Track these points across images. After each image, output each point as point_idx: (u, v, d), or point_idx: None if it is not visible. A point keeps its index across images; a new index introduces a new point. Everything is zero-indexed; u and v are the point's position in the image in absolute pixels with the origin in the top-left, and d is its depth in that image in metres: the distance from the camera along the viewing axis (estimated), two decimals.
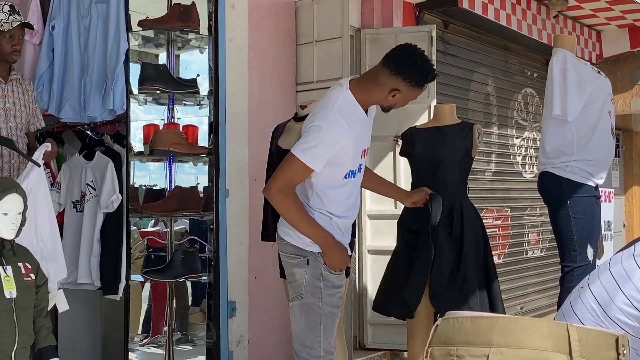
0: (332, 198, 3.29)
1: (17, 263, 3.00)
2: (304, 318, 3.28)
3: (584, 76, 4.51)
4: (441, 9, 6.61)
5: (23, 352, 2.99)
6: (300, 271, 3.26)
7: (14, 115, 3.90)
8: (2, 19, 3.78)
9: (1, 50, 3.84)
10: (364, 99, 3.26)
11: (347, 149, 3.21)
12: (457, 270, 4.16)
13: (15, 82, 3.97)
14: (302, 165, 3.11)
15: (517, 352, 1.67)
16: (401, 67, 3.18)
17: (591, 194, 4.49)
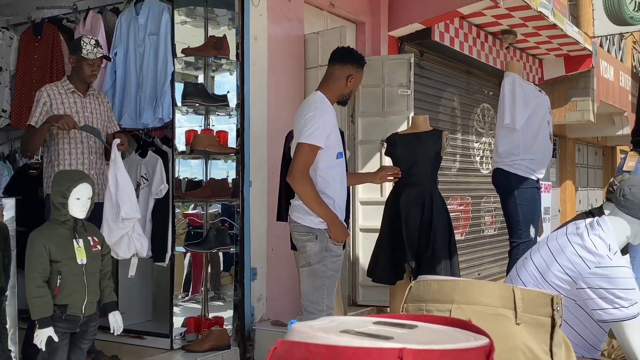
0: (331, 179, 3.30)
1: (87, 237, 3.00)
2: (312, 280, 3.29)
3: (528, 94, 4.51)
4: (418, 41, 6.62)
5: (91, 306, 2.99)
6: (310, 244, 3.26)
7: (91, 122, 3.90)
8: (89, 50, 3.80)
9: (83, 72, 3.85)
10: (331, 95, 3.35)
11: (334, 131, 3.29)
12: (427, 245, 4.17)
13: (92, 96, 3.97)
14: (309, 147, 3.17)
15: (473, 308, 1.68)
16: (346, 57, 3.37)
17: (533, 185, 4.49)
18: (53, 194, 2.95)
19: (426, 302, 1.73)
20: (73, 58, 3.86)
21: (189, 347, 4.30)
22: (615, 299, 2.33)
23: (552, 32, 7.73)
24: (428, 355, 0.89)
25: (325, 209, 3.23)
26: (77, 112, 3.83)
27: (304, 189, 3.22)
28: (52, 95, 3.79)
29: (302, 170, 3.19)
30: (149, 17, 4.53)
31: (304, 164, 3.19)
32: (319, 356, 0.88)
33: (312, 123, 3.18)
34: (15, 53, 5.17)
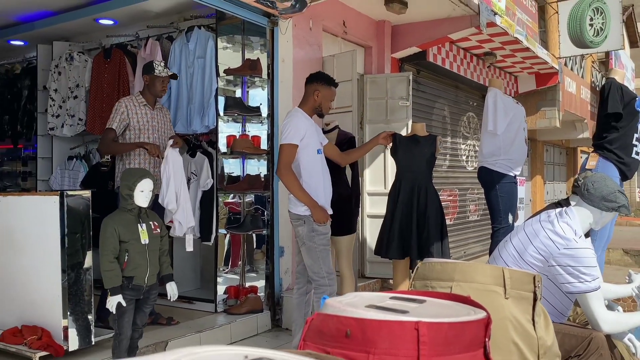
0: (314, 171, 3.38)
1: (149, 222, 3.01)
2: (309, 256, 3.39)
3: (508, 105, 4.47)
4: (415, 61, 6.57)
5: (152, 278, 3.00)
6: (301, 228, 3.38)
7: (157, 130, 3.92)
8: (160, 70, 3.83)
9: (155, 89, 3.86)
10: (306, 108, 3.46)
11: (310, 134, 3.37)
12: (422, 229, 4.15)
13: (159, 109, 3.98)
14: (287, 146, 3.30)
15: (470, 285, 1.67)
16: (315, 77, 3.50)
17: (512, 181, 4.45)
18: (122, 187, 2.96)
19: (431, 280, 1.72)
20: (147, 77, 3.86)
21: (229, 311, 4.33)
22: (580, 275, 2.31)
23: (526, 54, 7.66)
24: (439, 327, 0.88)
25: (305, 195, 3.33)
26: (147, 121, 3.86)
27: (288, 180, 3.33)
28: (129, 107, 3.80)
29: (285, 165, 3.31)
30: (197, 44, 4.54)
31: (286, 161, 3.31)
32: (349, 327, 0.88)
33: (287, 128, 3.34)
34: (89, 73, 5.20)
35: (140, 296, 2.98)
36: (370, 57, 6.05)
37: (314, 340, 0.92)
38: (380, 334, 0.87)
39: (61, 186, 5.29)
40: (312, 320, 0.95)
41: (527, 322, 1.67)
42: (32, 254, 3.32)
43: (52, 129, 5.36)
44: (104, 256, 2.85)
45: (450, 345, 0.89)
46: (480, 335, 0.96)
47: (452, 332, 0.90)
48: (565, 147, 14.60)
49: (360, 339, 0.88)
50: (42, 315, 3.27)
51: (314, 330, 0.94)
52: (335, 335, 0.90)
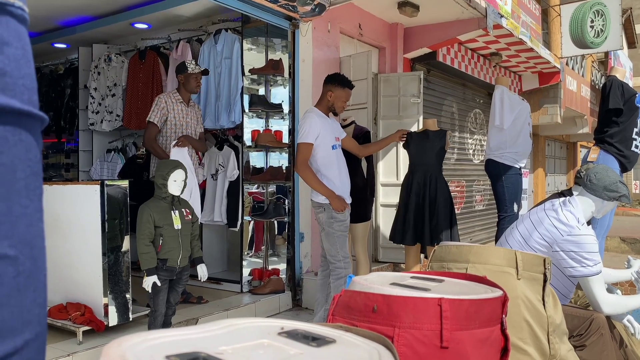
0: (328, 163, 3.37)
1: (181, 209, 3.03)
2: (328, 241, 3.40)
3: (513, 101, 4.40)
4: (426, 61, 6.52)
5: (184, 260, 3.02)
6: (321, 215, 3.39)
7: (190, 125, 3.94)
8: (193, 68, 3.84)
9: (190, 85, 3.88)
10: (321, 107, 3.46)
11: (324, 131, 3.35)
12: (432, 217, 4.12)
13: (192, 106, 3.99)
14: (304, 145, 3.31)
15: (485, 267, 1.65)
16: (330, 78, 3.48)
17: (517, 172, 4.39)
18: (156, 177, 2.98)
19: (447, 262, 1.70)
20: (181, 77, 3.87)
21: (254, 291, 4.34)
22: (582, 260, 2.28)
23: (529, 54, 7.56)
24: (460, 303, 0.87)
25: (323, 187, 3.34)
26: (182, 117, 3.88)
27: (306, 175, 3.35)
28: (168, 102, 3.83)
29: (302, 162, 3.33)
30: (225, 45, 4.54)
31: (303, 158, 3.33)
32: (376, 303, 0.87)
33: (303, 128, 3.35)
34: (125, 73, 5.24)
35: (174, 277, 3.00)
36: (384, 57, 6.00)
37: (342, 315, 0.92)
38: (406, 309, 0.86)
39: (100, 176, 5.35)
40: (340, 297, 0.94)
41: (537, 302, 1.65)
42: (76, 238, 3.36)
43: (92, 124, 5.41)
44: (140, 240, 2.87)
45: (470, 320, 0.88)
46: (497, 312, 0.94)
47: (472, 308, 0.89)
48: (566, 142, 14.40)
49: (386, 313, 0.87)
50: (84, 293, 3.32)
51: (342, 305, 0.93)
52: (362, 310, 0.90)
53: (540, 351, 1.60)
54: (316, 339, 0.59)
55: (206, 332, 0.56)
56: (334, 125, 3.52)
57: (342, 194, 3.42)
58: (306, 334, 0.60)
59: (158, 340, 0.50)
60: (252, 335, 0.57)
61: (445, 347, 0.84)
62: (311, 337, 0.59)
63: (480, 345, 0.88)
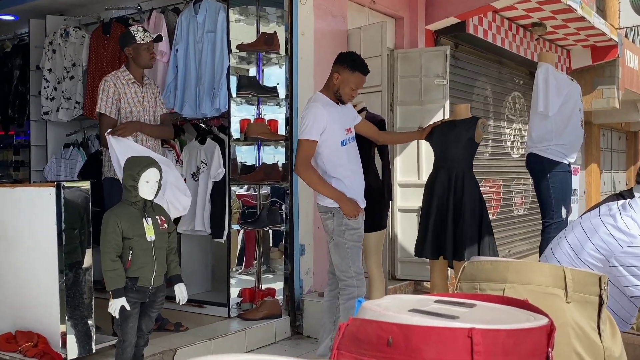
0: (337, 161, 3.38)
1: (155, 216, 3.02)
2: (337, 253, 3.40)
3: (561, 83, 4.41)
4: (453, 34, 6.52)
5: (159, 279, 3.02)
6: (329, 222, 3.39)
7: (148, 110, 3.92)
8: (141, 36, 3.80)
9: (142, 59, 3.83)
10: (328, 93, 3.44)
11: (332, 125, 3.34)
12: (456, 224, 4.10)
13: (148, 85, 3.97)
14: (306, 142, 3.30)
15: (526, 287, 1.64)
16: (340, 57, 3.46)
17: (565, 169, 4.40)
18: (125, 177, 2.98)
19: (480, 282, 1.70)
20: (129, 49, 3.81)
21: (244, 316, 4.34)
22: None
23: (580, 24, 7.54)
24: (495, 334, 0.86)
25: (330, 189, 3.35)
26: (139, 101, 3.85)
27: (307, 177, 3.36)
28: (117, 85, 3.78)
29: (304, 162, 3.32)
30: (207, 16, 4.54)
31: (304, 157, 3.32)
32: (391, 334, 0.86)
33: (306, 120, 3.33)
34: (86, 50, 5.25)
35: (146, 299, 3.00)
36: (401, 30, 6.00)
37: (349, 349, 0.91)
38: (428, 342, 0.86)
39: (57, 177, 5.37)
40: (347, 326, 0.94)
41: (591, 330, 1.64)
42: (26, 253, 3.37)
43: (46, 114, 5.43)
44: (105, 254, 2.88)
45: (508, 355, 0.87)
46: (542, 345, 0.93)
47: (510, 341, 0.88)
48: (625, 131, 14.37)
49: (403, 347, 0.87)
50: (37, 319, 3.32)
51: (350, 337, 0.92)
52: (374, 343, 0.89)
53: None
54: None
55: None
56: (344, 113, 3.50)
57: (355, 196, 3.42)
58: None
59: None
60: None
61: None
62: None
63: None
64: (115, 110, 3.77)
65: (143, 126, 3.83)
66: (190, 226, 4.67)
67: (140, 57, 3.82)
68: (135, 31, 3.81)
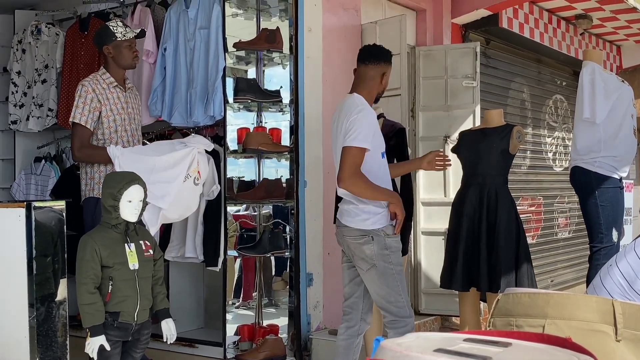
0: (380, 179, 3.40)
1: (139, 241, 3.05)
2: (382, 281, 3.38)
3: (609, 85, 4.42)
4: (484, 28, 6.55)
5: (143, 313, 3.04)
6: (368, 246, 3.36)
7: (133, 118, 3.95)
8: (122, 32, 3.83)
9: (125, 58, 3.86)
10: (367, 96, 3.47)
11: (377, 132, 3.46)
12: (490, 250, 4.11)
13: (130, 90, 4.01)
14: (357, 150, 3.30)
15: (569, 323, 1.65)
16: (379, 56, 3.50)
17: (616, 185, 4.40)
18: (104, 196, 3.01)
19: (516, 317, 1.70)
20: (109, 48, 3.83)
21: (242, 357, 4.34)
22: None
23: (632, 15, 7.55)
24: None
25: (384, 191, 3.39)
26: (122, 107, 3.87)
27: (359, 187, 3.34)
28: (97, 91, 3.79)
29: (354, 172, 3.31)
30: (199, 10, 4.57)
31: (354, 166, 3.31)
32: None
33: (357, 126, 3.33)
34: (61, 50, 5.28)
35: (129, 337, 3.02)
36: (423, 24, 6.04)
37: None
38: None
39: (27, 196, 5.40)
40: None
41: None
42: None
43: (14, 122, 5.47)
44: (82, 285, 2.90)
45: None
46: None
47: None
48: None
49: None
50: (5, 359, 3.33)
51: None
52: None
53: None
54: None
55: None
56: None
57: None
58: None
59: None
60: None
61: None
62: None
63: None
64: (93, 119, 3.78)
65: None
66: (179, 252, 4.68)
67: (121, 57, 3.84)
68: (115, 26, 3.83)
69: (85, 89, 3.78)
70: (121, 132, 3.85)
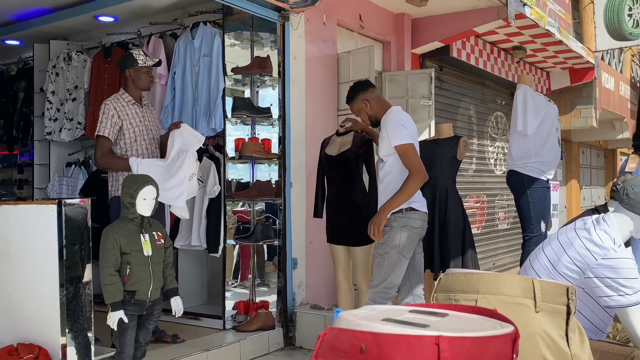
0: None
1: (152, 232, 3.04)
2: None
3: (539, 104, 4.45)
4: (438, 57, 6.58)
5: (156, 292, 3.03)
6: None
7: (150, 129, 3.92)
8: (143, 60, 3.80)
9: (142, 81, 3.82)
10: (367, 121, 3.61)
11: None
12: (442, 239, 4.14)
13: (146, 106, 3.98)
14: (411, 145, 3.41)
15: (497, 298, 1.66)
16: (351, 93, 3.57)
17: (544, 185, 4.43)
18: (123, 195, 2.99)
19: (454, 293, 1.72)
20: (130, 71, 3.79)
21: (239, 328, 4.33)
22: (619, 287, 2.29)
23: (558, 47, 7.63)
24: (461, 342, 0.88)
25: None
26: (140, 121, 3.84)
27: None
28: (118, 108, 3.76)
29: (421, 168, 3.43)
30: (203, 41, 4.57)
31: (418, 161, 3.45)
32: (364, 342, 0.88)
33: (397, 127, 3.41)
34: (88, 73, 5.27)
35: (143, 312, 3.00)
36: (388, 53, 6.06)
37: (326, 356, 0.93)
38: (398, 350, 0.88)
39: (59, 194, 5.36)
40: (325, 335, 0.96)
41: (560, 338, 1.65)
42: (29, 267, 3.36)
43: (49, 134, 5.43)
44: (104, 269, 2.88)
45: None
46: (506, 352, 0.95)
47: (475, 348, 0.90)
48: (603, 149, 14.46)
49: (375, 354, 0.88)
50: (39, 332, 3.30)
51: (327, 345, 0.94)
52: (349, 350, 0.91)
53: None
54: None
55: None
56: None
57: None
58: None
59: None
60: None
61: None
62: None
63: None
64: (114, 132, 3.75)
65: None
66: (186, 241, 4.68)
67: (140, 80, 3.82)
68: (137, 54, 3.81)
69: (108, 107, 3.75)
70: (140, 141, 3.83)
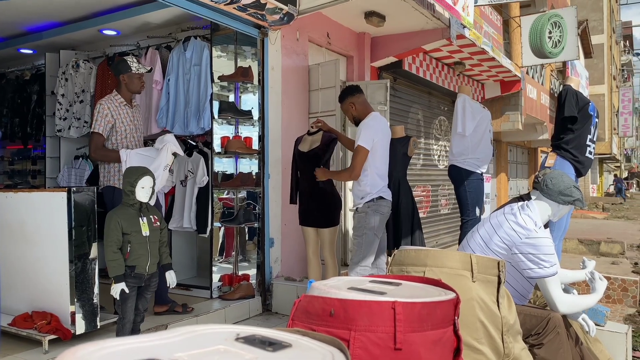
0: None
1: (150, 216, 2.99)
2: None
3: (475, 109, 4.50)
4: (392, 70, 6.60)
5: (153, 267, 2.99)
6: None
7: (138, 127, 3.84)
8: (137, 67, 3.70)
9: (134, 86, 3.70)
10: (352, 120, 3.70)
11: None
12: (396, 222, 4.18)
13: (136, 107, 3.87)
14: (364, 150, 3.44)
15: (441, 270, 1.68)
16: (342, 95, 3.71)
17: (479, 177, 4.48)
18: (124, 184, 2.94)
19: (406, 266, 1.73)
20: (124, 76, 3.67)
21: (224, 297, 4.31)
22: (539, 261, 2.33)
23: (492, 63, 7.74)
24: (413, 306, 0.90)
25: None
26: (130, 121, 3.75)
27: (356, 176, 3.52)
28: (111, 108, 3.64)
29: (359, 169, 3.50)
30: (194, 53, 4.51)
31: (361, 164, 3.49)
32: (333, 307, 0.89)
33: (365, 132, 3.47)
34: (94, 79, 5.15)
35: (142, 284, 2.96)
36: (351, 66, 6.06)
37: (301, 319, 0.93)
38: (361, 313, 0.89)
39: (68, 183, 5.24)
40: (300, 302, 0.96)
41: (492, 303, 1.69)
42: (42, 246, 3.28)
43: (59, 131, 5.29)
44: (108, 247, 2.83)
45: (423, 322, 0.90)
46: (450, 314, 0.97)
47: (425, 311, 0.92)
48: (527, 148, 14.77)
49: (342, 317, 0.89)
50: (51, 301, 3.24)
51: (301, 310, 0.95)
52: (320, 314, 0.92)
53: (495, 350, 1.65)
54: (272, 344, 0.60)
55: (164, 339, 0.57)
56: None
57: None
58: (263, 339, 0.61)
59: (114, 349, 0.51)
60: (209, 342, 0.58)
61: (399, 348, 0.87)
62: (268, 342, 0.60)
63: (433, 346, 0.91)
64: (107, 129, 3.62)
65: None
66: (179, 224, 4.62)
67: (132, 84, 3.71)
68: (131, 62, 3.70)
69: (102, 106, 3.62)
70: (130, 137, 3.73)
